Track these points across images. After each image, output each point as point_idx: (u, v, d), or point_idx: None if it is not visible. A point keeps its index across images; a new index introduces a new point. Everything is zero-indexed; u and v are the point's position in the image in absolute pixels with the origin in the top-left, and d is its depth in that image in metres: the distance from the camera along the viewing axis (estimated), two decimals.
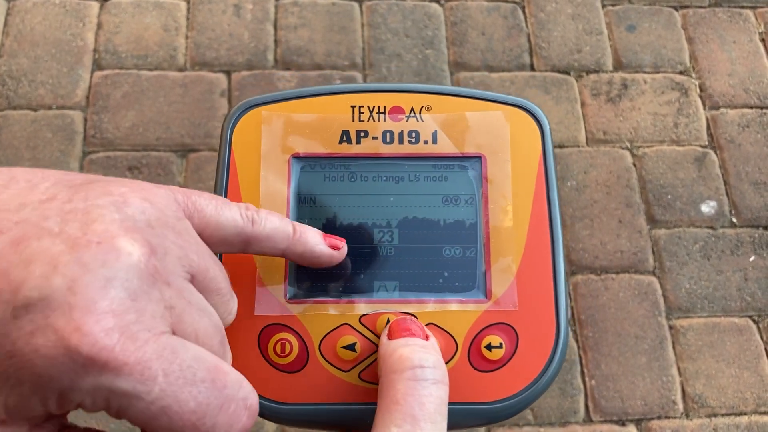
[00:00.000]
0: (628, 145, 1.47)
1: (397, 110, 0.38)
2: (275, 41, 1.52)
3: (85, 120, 1.42)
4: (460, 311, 0.35)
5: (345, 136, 0.38)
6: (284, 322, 0.35)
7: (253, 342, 0.35)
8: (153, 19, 1.52)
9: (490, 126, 0.38)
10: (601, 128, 1.48)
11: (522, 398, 0.34)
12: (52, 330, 0.21)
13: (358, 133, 0.38)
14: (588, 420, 1.26)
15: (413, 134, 0.38)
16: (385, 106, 0.38)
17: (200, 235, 0.29)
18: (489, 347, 0.34)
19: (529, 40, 1.56)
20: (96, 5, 1.53)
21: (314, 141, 0.38)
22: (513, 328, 0.35)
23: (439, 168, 0.38)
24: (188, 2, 1.55)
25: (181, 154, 1.39)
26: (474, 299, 0.35)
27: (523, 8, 1.60)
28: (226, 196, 0.36)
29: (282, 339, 0.35)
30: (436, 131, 0.38)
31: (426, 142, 0.38)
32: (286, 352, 0.34)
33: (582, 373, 1.29)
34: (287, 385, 0.34)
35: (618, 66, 1.55)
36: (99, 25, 1.51)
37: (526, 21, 1.58)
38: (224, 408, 0.25)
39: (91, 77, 1.46)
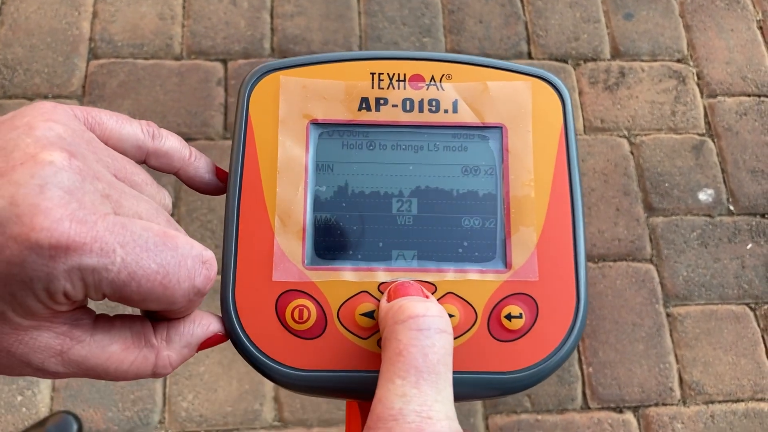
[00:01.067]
0: (626, 133, 1.47)
1: (417, 78, 0.38)
2: (272, 29, 1.51)
3: None
4: (480, 281, 0.35)
5: (364, 103, 0.37)
6: (302, 288, 0.35)
7: (270, 308, 0.34)
8: (149, 7, 1.52)
9: (512, 96, 0.38)
10: (599, 116, 1.48)
11: (541, 368, 0.34)
12: (12, 239, 0.24)
13: (377, 100, 0.37)
14: (585, 407, 1.26)
15: (433, 103, 0.37)
16: (405, 74, 0.38)
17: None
18: (509, 317, 0.34)
19: (526, 28, 1.56)
20: None
21: (333, 107, 0.37)
22: (533, 298, 0.35)
23: (459, 138, 0.37)
24: None
25: None
26: (494, 269, 0.35)
27: None
28: (243, 161, 0.36)
29: (300, 305, 0.34)
30: (456, 100, 0.37)
31: (446, 111, 0.37)
32: (304, 318, 0.34)
33: (580, 360, 1.29)
34: (305, 351, 0.34)
35: (616, 54, 1.55)
36: (94, 14, 1.50)
37: (523, 9, 1.58)
38: (182, 264, 0.28)
39: (87, 66, 1.45)
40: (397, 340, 0.29)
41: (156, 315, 0.31)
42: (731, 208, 1.42)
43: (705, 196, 1.43)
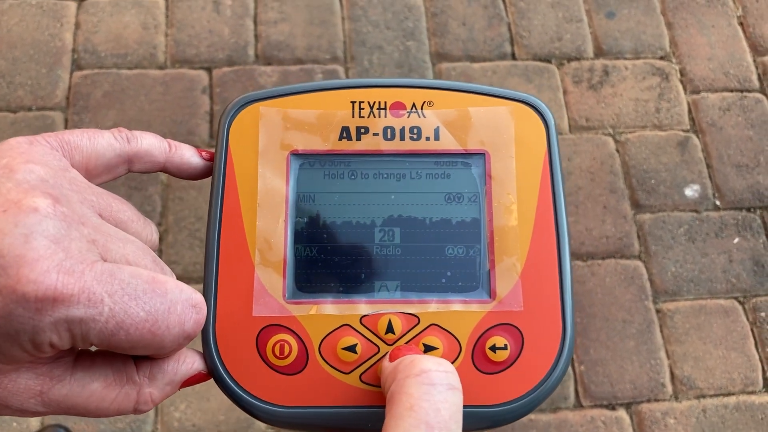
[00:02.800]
0: (611, 131, 1.48)
1: (398, 106, 0.37)
2: (255, 36, 1.51)
3: (66, 121, 1.40)
4: (464, 311, 0.34)
5: (345, 133, 0.37)
6: (283, 323, 0.34)
7: (251, 343, 0.34)
8: (132, 17, 1.51)
9: (494, 122, 0.37)
10: (584, 115, 1.49)
11: (528, 401, 0.33)
12: None
13: (358, 129, 0.37)
14: (578, 405, 1.26)
15: (415, 130, 0.37)
16: (386, 102, 0.37)
17: (86, 169, 0.32)
18: (493, 348, 0.33)
19: (509, 30, 1.57)
20: (73, 5, 1.51)
21: (313, 137, 0.37)
22: (518, 328, 0.34)
23: (442, 165, 0.37)
24: (167, 0, 1.53)
25: None
26: (478, 299, 0.34)
27: None
28: (222, 193, 0.36)
29: (281, 340, 0.34)
30: (438, 127, 0.37)
31: (428, 139, 0.37)
32: (285, 353, 0.33)
33: (571, 359, 1.29)
34: (286, 387, 0.33)
35: (599, 53, 1.55)
36: (77, 25, 1.50)
37: (506, 10, 1.58)
38: (172, 310, 0.27)
39: (71, 77, 1.44)
40: (407, 394, 0.28)
41: None
42: (717, 203, 1.43)
43: (691, 191, 1.43)
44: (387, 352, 0.33)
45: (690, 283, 1.36)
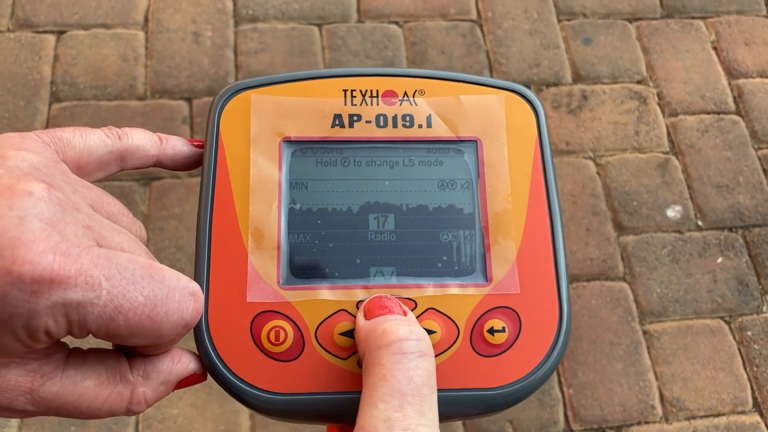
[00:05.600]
0: (591, 154, 1.49)
1: (390, 94, 0.38)
2: (236, 66, 1.51)
3: None
4: (461, 295, 0.34)
5: (337, 120, 0.37)
6: (278, 309, 0.34)
7: (245, 330, 0.33)
8: (111, 49, 1.51)
9: (485, 110, 0.38)
10: (564, 139, 1.50)
11: (527, 383, 0.33)
12: None
13: (350, 116, 0.37)
14: (568, 430, 1.24)
15: (407, 118, 0.38)
16: (377, 90, 0.38)
17: (78, 166, 0.32)
18: (491, 331, 0.34)
19: (488, 57, 1.58)
20: (52, 38, 1.51)
21: (306, 125, 0.37)
22: (515, 311, 0.34)
23: (434, 152, 0.37)
24: (146, 32, 1.54)
25: (143, 182, 1.37)
26: (474, 283, 0.35)
27: (480, 26, 1.62)
28: (214, 181, 0.35)
29: (276, 326, 0.33)
30: (430, 115, 0.38)
31: (420, 126, 0.37)
32: (281, 339, 0.33)
33: (559, 382, 1.28)
34: (282, 374, 0.33)
35: (577, 78, 1.57)
36: (56, 58, 1.49)
37: (484, 38, 1.60)
38: (170, 297, 0.27)
39: (49, 110, 1.43)
40: (380, 365, 0.28)
41: (132, 350, 0.30)
42: (699, 223, 1.44)
43: (673, 212, 1.44)
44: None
45: (675, 304, 1.36)
